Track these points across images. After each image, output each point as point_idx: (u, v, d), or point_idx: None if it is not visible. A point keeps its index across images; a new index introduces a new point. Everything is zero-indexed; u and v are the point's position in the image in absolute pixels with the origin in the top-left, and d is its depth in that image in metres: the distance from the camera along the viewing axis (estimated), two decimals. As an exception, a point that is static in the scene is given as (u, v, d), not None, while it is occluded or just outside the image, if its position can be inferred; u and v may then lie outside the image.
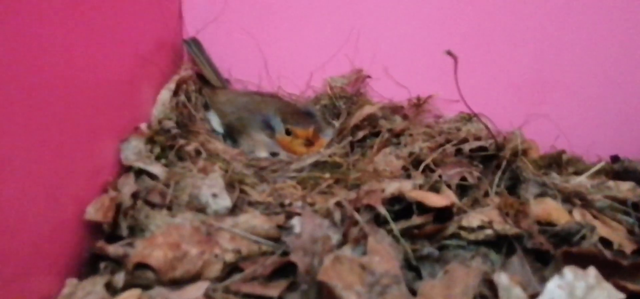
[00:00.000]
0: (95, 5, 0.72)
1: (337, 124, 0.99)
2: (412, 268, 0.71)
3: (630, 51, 0.99)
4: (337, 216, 0.73)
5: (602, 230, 0.76)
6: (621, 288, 0.61)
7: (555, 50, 1.01)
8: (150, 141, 0.82)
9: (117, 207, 0.71)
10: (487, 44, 1.02)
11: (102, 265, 0.67)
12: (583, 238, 0.73)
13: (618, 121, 1.03)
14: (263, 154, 0.93)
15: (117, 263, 0.67)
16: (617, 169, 0.94)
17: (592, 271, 0.60)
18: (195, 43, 1.02)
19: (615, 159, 1.01)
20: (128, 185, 0.75)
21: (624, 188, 0.86)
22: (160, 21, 0.95)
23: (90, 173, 0.73)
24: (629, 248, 0.75)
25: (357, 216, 0.70)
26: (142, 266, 0.65)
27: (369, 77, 1.05)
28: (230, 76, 1.08)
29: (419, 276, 0.70)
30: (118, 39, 0.79)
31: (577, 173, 0.92)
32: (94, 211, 0.68)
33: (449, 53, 0.72)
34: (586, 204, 0.82)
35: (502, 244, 0.75)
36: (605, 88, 1.02)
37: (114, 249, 0.66)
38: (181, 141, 0.84)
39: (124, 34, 0.81)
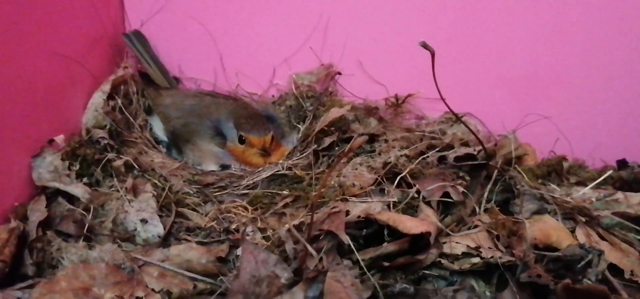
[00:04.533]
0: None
1: (303, 128, 0.87)
2: (382, 307, 0.61)
3: (636, 43, 0.89)
4: (290, 246, 0.61)
5: (611, 255, 0.67)
6: (638, 338, 0.51)
7: (553, 43, 0.91)
8: (72, 155, 0.70)
9: (20, 240, 0.60)
10: (477, 34, 0.92)
11: (-6, 315, 0.55)
12: (589, 264, 0.63)
13: (624, 120, 0.93)
14: (212, 166, 0.80)
15: (15, 311, 0.55)
16: (626, 177, 0.84)
17: (601, 317, 0.51)
18: (137, 37, 0.89)
19: (622, 164, 0.91)
20: (38, 211, 0.63)
21: (635, 201, 0.76)
22: (95, 12, 0.82)
23: (-11, 197, 0.61)
24: (643, 276, 0.66)
25: (310, 249, 0.58)
26: (42, 317, 0.53)
27: (339, 73, 0.94)
28: (181, 74, 0.97)
29: (390, 318, 0.60)
30: (34, 32, 0.68)
31: (580, 183, 0.83)
32: (-14, 248, 0.56)
33: (425, 46, 0.60)
34: (591, 221, 0.73)
35: (492, 274, 0.65)
36: (609, 84, 0.92)
37: (3, 297, 0.54)
38: (110, 154, 0.71)
39: (44, 26, 0.70)
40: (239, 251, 0.62)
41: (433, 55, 0.62)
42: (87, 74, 0.79)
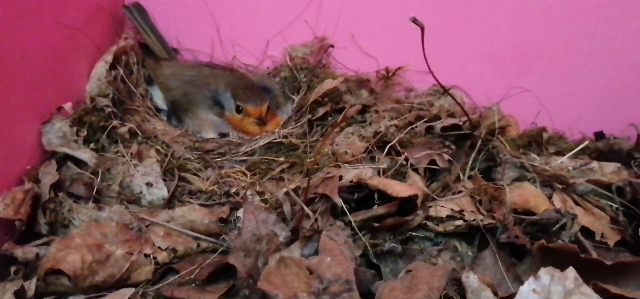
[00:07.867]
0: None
1: (297, 99, 0.90)
2: (373, 264, 0.64)
3: (617, 20, 0.91)
4: (287, 208, 0.65)
5: (584, 219, 0.71)
6: (602, 292, 0.55)
7: (537, 18, 0.93)
8: (79, 122, 0.74)
9: (34, 201, 0.64)
10: (464, 11, 0.94)
11: (12, 269, 0.59)
12: (563, 227, 0.68)
13: (602, 95, 0.96)
14: (210, 134, 0.83)
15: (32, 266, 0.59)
16: (602, 148, 0.87)
17: (570, 273, 0.55)
18: (137, 8, 0.91)
19: (599, 135, 0.94)
20: (49, 174, 0.67)
21: (608, 170, 0.80)
22: (96, -16, 0.84)
23: (3, 161, 0.64)
24: (612, 238, 0.69)
25: (307, 210, 0.62)
26: (58, 270, 0.56)
27: (332, 46, 0.96)
28: (179, 45, 0.98)
29: (380, 275, 0.64)
30: (40, 5, 0.70)
31: (559, 153, 0.86)
32: (3, 207, 0.60)
33: (415, 21, 0.63)
34: (567, 188, 0.77)
35: (474, 236, 0.69)
36: (590, 59, 0.95)
37: (23, 252, 0.58)
38: (115, 122, 0.74)
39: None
40: (239, 213, 0.66)
41: (423, 30, 0.65)
42: (89, 44, 0.81)
